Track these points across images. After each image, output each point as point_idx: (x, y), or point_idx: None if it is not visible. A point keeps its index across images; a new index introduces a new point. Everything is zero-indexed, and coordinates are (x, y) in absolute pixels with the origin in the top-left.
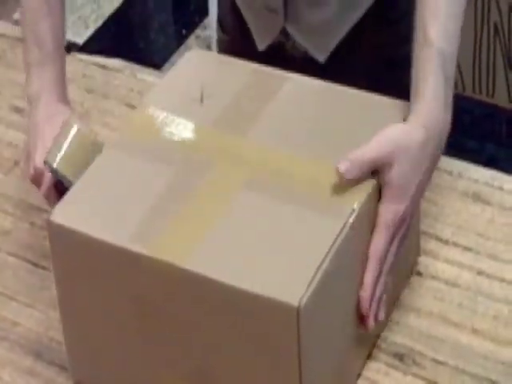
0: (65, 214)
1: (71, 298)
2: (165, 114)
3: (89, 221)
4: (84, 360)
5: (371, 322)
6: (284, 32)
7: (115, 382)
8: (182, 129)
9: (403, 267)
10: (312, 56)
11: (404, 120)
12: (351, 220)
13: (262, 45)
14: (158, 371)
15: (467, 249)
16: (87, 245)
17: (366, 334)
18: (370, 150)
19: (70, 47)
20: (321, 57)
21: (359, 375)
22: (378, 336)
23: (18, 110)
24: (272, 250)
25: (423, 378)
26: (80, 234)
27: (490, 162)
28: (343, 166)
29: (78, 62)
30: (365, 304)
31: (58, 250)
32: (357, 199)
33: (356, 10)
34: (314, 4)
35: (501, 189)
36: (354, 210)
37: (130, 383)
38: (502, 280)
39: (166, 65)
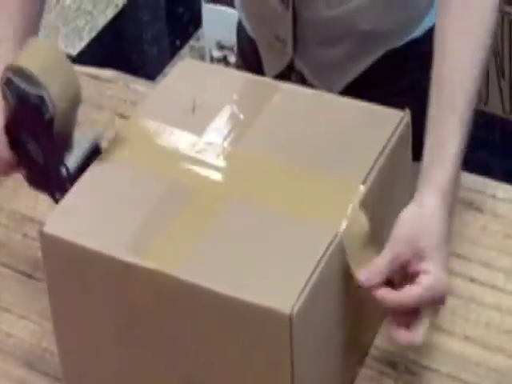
0: (57, 224)
1: (64, 308)
2: (157, 124)
3: (81, 231)
4: (77, 370)
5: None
6: (292, 68)
7: None
8: (174, 140)
9: None
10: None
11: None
12: (343, 227)
13: (270, 73)
14: (150, 380)
15: (460, 256)
16: (79, 255)
17: (359, 342)
18: (386, 252)
19: None
20: None
21: (352, 383)
22: (370, 344)
23: None
24: (264, 259)
25: None
26: (72, 245)
27: (483, 170)
28: (363, 277)
29: None
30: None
31: (50, 261)
32: (349, 207)
33: (371, 51)
34: (326, 40)
35: (493, 197)
36: (346, 219)
37: None
38: (494, 287)
39: (160, 76)
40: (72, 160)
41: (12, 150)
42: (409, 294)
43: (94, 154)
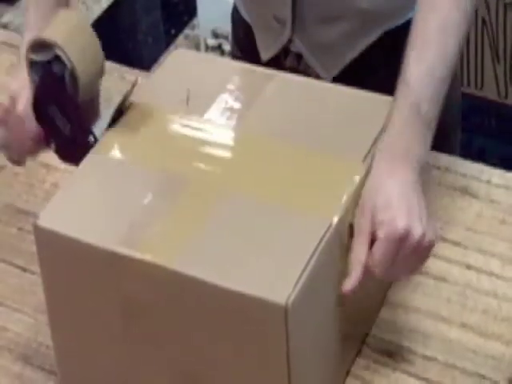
0: (51, 217)
1: (59, 302)
2: (152, 115)
3: (75, 224)
4: (73, 364)
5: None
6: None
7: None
8: (170, 130)
9: None
10: (318, 74)
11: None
12: (337, 219)
13: (265, 55)
14: (146, 373)
15: (455, 243)
16: (74, 248)
17: (355, 332)
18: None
19: None
20: (326, 75)
21: (348, 372)
22: (366, 333)
23: None
24: (259, 250)
25: (412, 374)
26: (67, 238)
27: (478, 155)
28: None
29: None
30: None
31: (45, 254)
32: (343, 198)
33: (370, 31)
34: (325, 20)
35: (488, 182)
36: (340, 208)
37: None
38: (491, 274)
39: (155, 65)
40: (99, 128)
41: (40, 126)
42: (373, 252)
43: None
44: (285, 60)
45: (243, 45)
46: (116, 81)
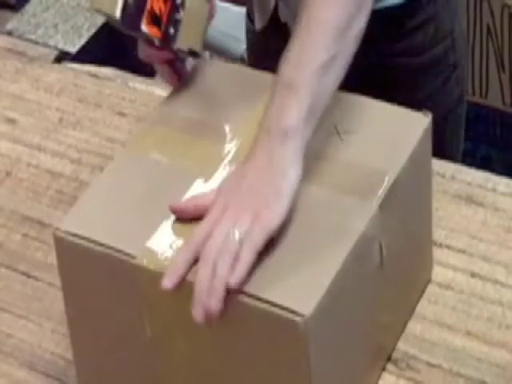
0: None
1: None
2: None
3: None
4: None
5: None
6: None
7: None
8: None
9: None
10: None
11: None
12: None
13: (258, 25)
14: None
15: (460, 251)
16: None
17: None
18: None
19: (63, 56)
20: None
21: None
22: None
23: (9, 121)
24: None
25: (417, 382)
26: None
27: (483, 164)
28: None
29: (69, 72)
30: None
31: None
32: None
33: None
34: None
35: (494, 190)
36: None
37: None
38: (496, 282)
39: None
40: None
41: None
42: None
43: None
44: (276, 34)
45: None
46: (120, 88)
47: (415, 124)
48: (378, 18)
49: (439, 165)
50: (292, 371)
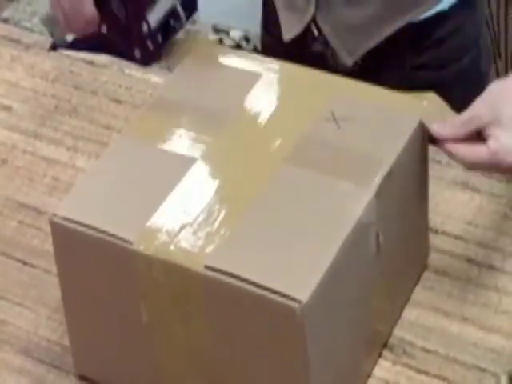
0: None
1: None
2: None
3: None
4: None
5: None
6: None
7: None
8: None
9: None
10: (340, 57)
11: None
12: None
13: (288, 35)
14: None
15: (457, 237)
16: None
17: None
18: (466, 112)
19: (58, 44)
20: (348, 60)
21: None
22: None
23: (5, 109)
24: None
25: (413, 368)
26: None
27: None
28: (435, 126)
29: (64, 59)
30: None
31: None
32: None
33: (396, 18)
34: (350, 1)
35: (490, 176)
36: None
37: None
38: (492, 268)
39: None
40: (153, 16)
41: (96, 7)
42: (473, 151)
43: (174, 15)
44: (313, 43)
45: (270, 26)
46: (116, 75)
47: (412, 110)
48: (402, 31)
49: (435, 151)
50: (289, 356)
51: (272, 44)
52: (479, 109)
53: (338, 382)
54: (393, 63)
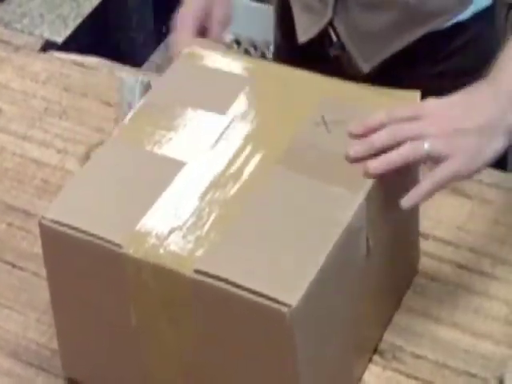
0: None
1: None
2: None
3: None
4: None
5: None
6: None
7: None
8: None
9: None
10: (356, 63)
11: None
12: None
13: (303, 37)
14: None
15: (447, 243)
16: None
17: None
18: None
19: (49, 46)
20: (365, 66)
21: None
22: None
23: None
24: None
25: (403, 373)
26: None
27: None
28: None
29: (55, 61)
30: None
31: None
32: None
33: (413, 28)
34: (368, 6)
35: (480, 182)
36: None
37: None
38: (482, 274)
39: (146, 63)
40: None
41: None
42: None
43: None
44: (329, 48)
45: (285, 29)
46: (106, 77)
47: None
48: (421, 40)
49: None
50: (278, 361)
51: (286, 47)
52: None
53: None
54: (410, 71)
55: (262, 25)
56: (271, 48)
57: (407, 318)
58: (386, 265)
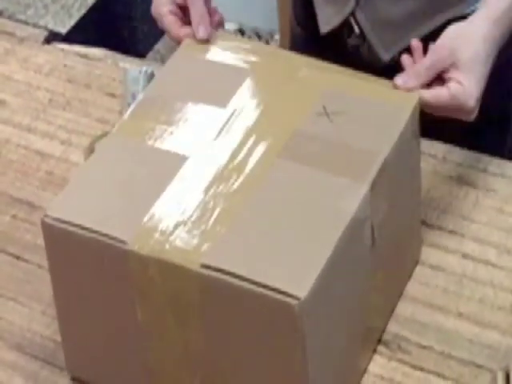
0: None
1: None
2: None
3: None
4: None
5: None
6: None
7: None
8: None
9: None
10: (376, 52)
11: None
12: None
13: (325, 28)
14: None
15: (452, 232)
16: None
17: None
18: (427, 58)
19: (53, 37)
20: (385, 55)
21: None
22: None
23: None
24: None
25: (408, 364)
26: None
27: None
28: (400, 80)
29: (58, 52)
30: None
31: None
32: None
33: (436, 14)
34: None
35: (485, 171)
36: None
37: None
38: (487, 263)
39: (151, 53)
40: None
41: None
42: (435, 95)
43: None
44: (348, 38)
45: (302, 19)
46: (110, 68)
47: (404, 103)
48: (441, 27)
49: (430, 145)
50: (288, 353)
51: (304, 37)
52: (440, 53)
53: (335, 378)
54: None
55: (265, 14)
56: (275, 37)
57: (412, 308)
58: (390, 255)
